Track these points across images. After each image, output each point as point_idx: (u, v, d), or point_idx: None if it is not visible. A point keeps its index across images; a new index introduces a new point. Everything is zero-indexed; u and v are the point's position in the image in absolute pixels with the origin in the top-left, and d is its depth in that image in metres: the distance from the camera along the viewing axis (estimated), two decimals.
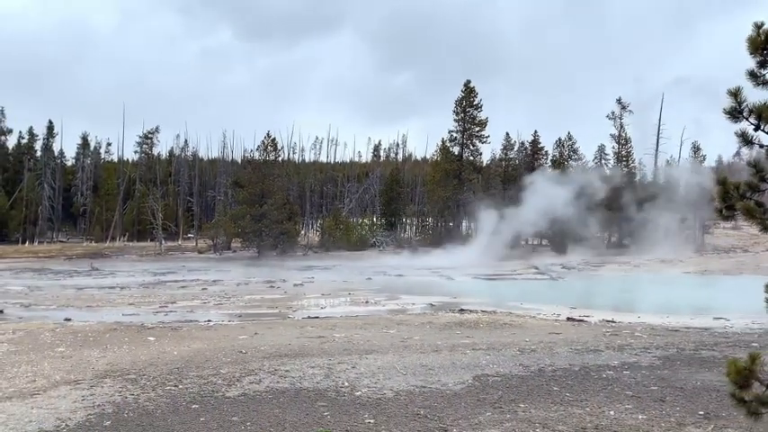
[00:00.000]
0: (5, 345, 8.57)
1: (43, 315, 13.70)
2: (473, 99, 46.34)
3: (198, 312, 14.05)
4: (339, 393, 5.74)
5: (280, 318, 12.87)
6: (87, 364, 7.12)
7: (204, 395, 5.66)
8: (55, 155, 66.42)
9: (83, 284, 22.73)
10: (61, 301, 16.76)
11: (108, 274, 28.44)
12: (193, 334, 9.53)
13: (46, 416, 5.01)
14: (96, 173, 66.23)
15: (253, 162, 47.60)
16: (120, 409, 5.22)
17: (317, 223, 58.75)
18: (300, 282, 22.85)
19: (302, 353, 7.75)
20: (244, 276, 25.78)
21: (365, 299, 17.04)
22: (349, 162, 75.17)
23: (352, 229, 50.40)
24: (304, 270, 30.09)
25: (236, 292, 19.11)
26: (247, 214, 42.20)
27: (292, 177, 57.90)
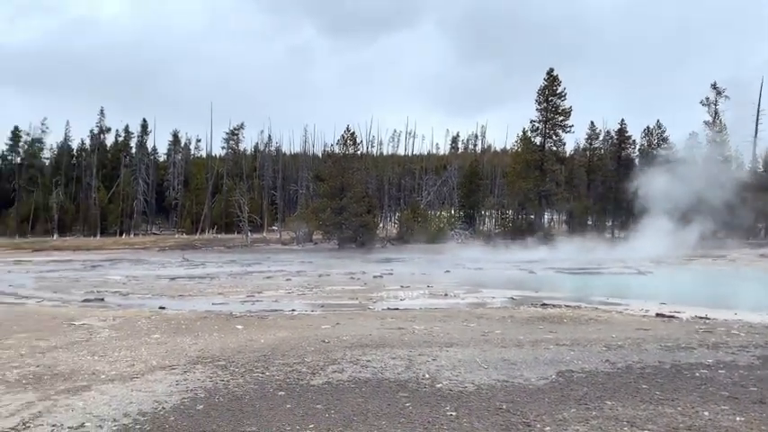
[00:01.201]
0: (107, 331, 9.17)
1: (140, 303, 14.55)
2: (556, 88, 45.05)
3: (282, 302, 14.48)
4: (420, 385, 5.77)
5: (360, 309, 13.07)
6: (181, 351, 7.49)
7: (290, 382, 5.84)
8: (149, 152, 70.26)
9: (175, 275, 23.91)
10: (156, 291, 17.73)
11: (198, 265, 29.77)
12: (278, 323, 9.84)
13: (144, 398, 5.32)
14: (186, 168, 69.53)
15: (333, 156, 48.42)
16: (211, 393, 5.47)
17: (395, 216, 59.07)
18: (380, 274, 23.08)
19: (383, 344, 7.84)
20: (325, 268, 26.32)
21: (444, 291, 17.01)
22: (427, 154, 75.12)
23: (430, 222, 50.34)
24: (383, 262, 30.34)
25: (318, 283, 19.54)
26: (328, 207, 43.00)
27: (371, 170, 58.47)
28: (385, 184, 60.70)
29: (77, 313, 11.54)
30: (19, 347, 7.76)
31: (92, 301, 14.72)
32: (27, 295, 16.70)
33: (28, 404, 5.13)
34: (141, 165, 66.75)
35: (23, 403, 5.16)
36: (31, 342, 8.16)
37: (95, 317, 10.73)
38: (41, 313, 11.74)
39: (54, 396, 5.38)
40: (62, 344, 8.02)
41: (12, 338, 8.47)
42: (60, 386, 5.75)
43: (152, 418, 4.75)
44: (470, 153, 77.48)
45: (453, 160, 70.01)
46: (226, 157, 70.72)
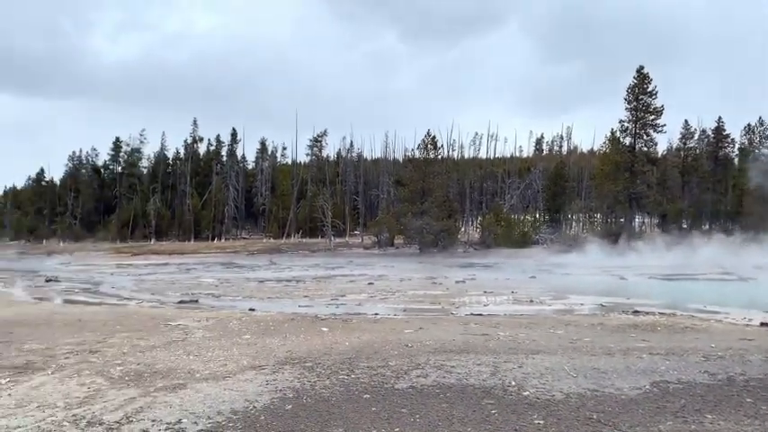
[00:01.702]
0: (201, 331, 9.58)
1: (231, 305, 15.13)
2: (646, 86, 43.16)
3: (365, 306, 14.65)
4: (506, 392, 5.67)
5: (443, 314, 13.00)
6: (269, 351, 7.72)
7: (375, 386, 5.88)
8: (238, 160, 73.19)
9: (263, 277, 24.71)
10: (246, 293, 18.38)
11: (285, 268, 30.64)
12: (362, 326, 9.94)
13: (236, 397, 5.52)
14: (273, 175, 71.86)
15: (414, 160, 48.59)
16: (299, 394, 5.60)
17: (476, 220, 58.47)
18: (462, 279, 22.89)
19: (467, 349, 7.76)
20: (406, 272, 26.41)
21: (529, 298, 16.65)
22: (509, 157, 73.92)
23: (513, 226, 49.50)
24: (465, 267, 30.09)
25: (400, 288, 19.62)
26: (409, 212, 43.19)
27: (452, 174, 58.18)
28: (466, 187, 60.21)
29: (174, 314, 12.14)
30: (121, 346, 8.25)
31: (187, 303, 15.45)
32: (128, 297, 17.76)
33: (130, 399, 5.44)
34: (231, 172, 69.62)
35: (126, 399, 5.47)
36: (132, 341, 8.65)
37: (190, 318, 11.24)
38: (141, 314, 12.43)
39: (153, 393, 5.68)
40: (160, 343, 8.46)
41: (115, 337, 9.02)
42: (159, 383, 6.06)
43: (243, 417, 4.92)
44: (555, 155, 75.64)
45: (537, 162, 68.53)
46: (310, 163, 72.55)
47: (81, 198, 71.39)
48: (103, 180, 75.12)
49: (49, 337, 9.18)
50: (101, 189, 73.83)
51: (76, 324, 10.64)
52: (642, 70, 43.44)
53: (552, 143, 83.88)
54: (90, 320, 11.08)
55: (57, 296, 18.00)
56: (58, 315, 12.29)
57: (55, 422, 4.77)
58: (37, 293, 18.71)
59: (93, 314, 12.24)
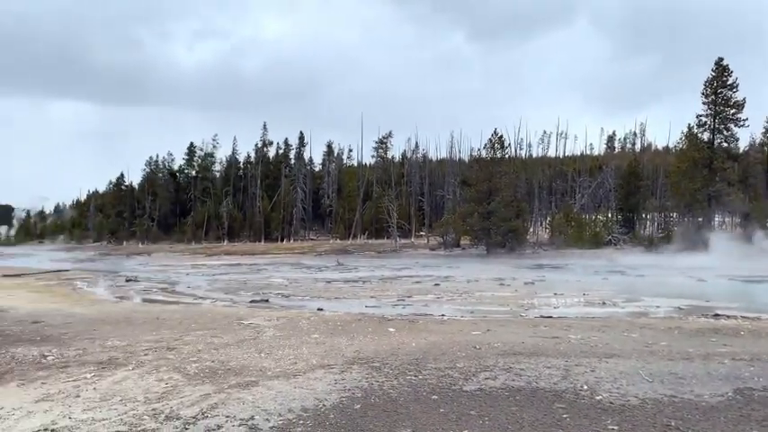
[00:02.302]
0: (272, 330, 9.81)
1: (299, 305, 15.42)
2: (726, 78, 41.04)
3: (432, 307, 14.60)
4: (578, 396, 5.52)
5: (511, 316, 12.80)
6: (338, 351, 7.82)
7: (442, 387, 5.85)
8: (305, 162, 74.59)
9: (330, 278, 25.05)
10: (314, 293, 18.69)
11: (351, 269, 30.96)
12: (429, 327, 9.92)
13: (306, 395, 5.62)
14: (339, 177, 72.82)
15: (480, 160, 48.06)
16: (367, 393, 5.64)
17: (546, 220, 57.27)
18: (531, 280, 22.46)
19: (537, 352, 7.61)
20: (473, 273, 26.15)
21: (601, 300, 16.15)
22: (580, 155, 71.95)
23: (584, 226, 48.20)
24: (534, 268, 29.51)
25: (467, 289, 19.45)
26: (475, 212, 42.74)
27: (520, 174, 57.20)
28: (535, 187, 59.06)
29: (246, 313, 12.49)
30: (197, 343, 8.56)
31: (258, 302, 15.86)
32: (202, 296, 18.40)
33: (205, 395, 5.63)
34: (299, 175, 71.03)
35: (201, 395, 5.66)
36: (206, 339, 8.96)
37: (261, 317, 11.53)
38: (215, 312, 12.85)
39: (227, 389, 5.85)
40: (233, 341, 8.71)
41: (191, 335, 9.37)
42: (232, 380, 6.24)
43: (313, 415, 4.99)
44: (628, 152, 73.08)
45: (609, 161, 66.42)
46: (375, 164, 73.06)
47: (158, 201, 74.61)
48: (179, 184, 78.26)
49: (129, 334, 9.63)
50: (176, 192, 76.94)
51: (155, 322, 11.12)
52: (721, 62, 41.33)
53: (625, 140, 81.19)
54: (167, 319, 11.55)
55: (136, 295, 18.86)
56: (137, 313, 12.88)
57: (136, 416, 5.00)
58: (118, 293, 19.67)
59: (170, 313, 12.75)
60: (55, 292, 18.60)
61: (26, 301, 15.41)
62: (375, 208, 62.04)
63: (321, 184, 73.70)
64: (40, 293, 18.17)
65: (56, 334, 9.68)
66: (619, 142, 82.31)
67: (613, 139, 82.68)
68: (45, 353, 7.97)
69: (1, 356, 7.75)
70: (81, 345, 8.62)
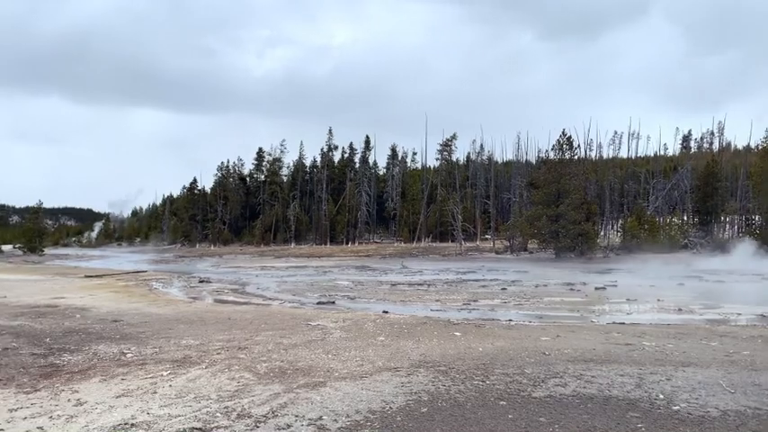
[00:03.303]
0: (338, 332, 9.92)
1: (365, 307, 15.53)
2: None
3: (499, 311, 14.40)
4: (653, 405, 5.30)
5: (581, 321, 12.46)
6: (403, 354, 7.82)
7: (510, 393, 5.76)
8: (370, 166, 75.20)
9: (395, 281, 25.11)
10: (379, 295, 18.79)
11: (416, 272, 30.93)
12: (496, 332, 9.78)
13: (373, 397, 5.65)
14: (403, 180, 72.98)
15: (548, 162, 47.08)
16: (434, 397, 5.61)
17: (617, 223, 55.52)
18: (602, 285, 21.79)
19: (608, 359, 7.37)
20: (541, 278, 25.62)
21: (677, 306, 15.48)
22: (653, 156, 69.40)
23: (658, 229, 46.36)
24: (605, 273, 28.62)
25: (535, 294, 19.07)
26: (543, 215, 41.86)
27: (589, 176, 55.65)
28: (605, 189, 57.31)
29: (313, 314, 12.69)
30: (266, 344, 8.75)
31: (324, 304, 16.09)
32: (271, 297, 18.82)
33: (275, 395, 5.75)
34: (364, 178, 71.65)
35: (271, 394, 5.79)
36: (276, 339, 9.15)
37: (328, 318, 11.69)
38: (283, 313, 13.12)
39: (296, 389, 5.96)
40: (301, 342, 8.87)
41: (261, 335, 9.59)
42: (301, 380, 6.34)
43: (380, 417, 5.01)
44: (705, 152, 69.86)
45: (685, 161, 63.67)
46: (440, 167, 72.80)
47: (229, 205, 77.02)
48: (248, 188, 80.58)
49: (202, 333, 9.96)
50: (246, 196, 79.22)
51: (226, 322, 11.46)
52: None
53: (701, 140, 77.70)
54: (238, 319, 11.88)
55: (209, 296, 19.49)
56: (210, 313, 13.31)
57: (209, 413, 5.16)
58: (191, 293, 20.39)
59: (241, 313, 13.11)
60: (133, 293, 19.47)
61: (107, 301, 16.22)
62: (439, 211, 61.84)
63: (385, 188, 74.07)
64: (119, 293, 19.07)
65: (134, 332, 10.13)
66: (695, 142, 78.92)
67: (689, 138, 79.34)
68: (124, 350, 8.35)
69: (84, 353, 8.18)
70: (157, 343, 8.98)
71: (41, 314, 12.85)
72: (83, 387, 6.16)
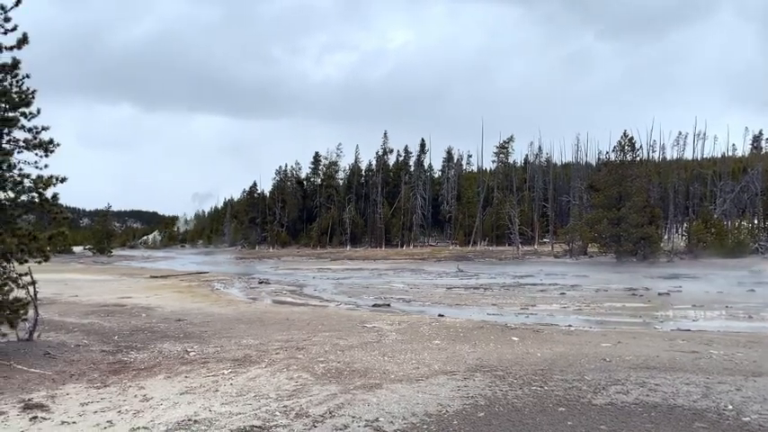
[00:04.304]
0: (394, 334, 9.95)
1: (420, 310, 15.52)
2: None
3: (557, 316, 14.12)
4: (721, 416, 5.10)
5: (644, 328, 12.07)
6: (460, 358, 7.78)
7: (570, 399, 5.64)
8: (425, 169, 75.09)
9: (451, 284, 24.98)
10: (434, 299, 18.73)
11: (472, 276, 30.67)
12: (554, 337, 9.60)
13: (429, 400, 5.64)
14: (459, 183, 72.50)
15: (608, 164, 45.83)
16: (491, 402, 5.56)
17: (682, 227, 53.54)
18: (665, 290, 21.06)
19: (673, 367, 7.12)
20: (602, 282, 24.97)
21: (747, 313, 14.80)
22: (720, 157, 66.48)
23: (726, 233, 44.39)
24: (669, 278, 27.63)
25: (596, 299, 18.61)
26: (604, 218, 40.79)
27: (652, 178, 53.85)
28: (669, 192, 55.33)
29: (368, 317, 12.78)
30: (323, 344, 8.87)
31: (380, 307, 16.16)
32: (328, 299, 19.05)
33: (332, 395, 5.82)
34: (419, 181, 71.60)
35: (328, 394, 5.86)
36: (332, 340, 9.27)
37: (384, 321, 11.74)
38: (340, 315, 13.27)
39: (352, 390, 6.01)
40: (357, 344, 8.94)
41: (318, 336, 9.73)
42: (357, 382, 6.40)
43: (437, 420, 5.00)
44: None
45: (755, 162, 60.72)
46: (496, 170, 71.98)
47: (287, 208, 78.39)
48: (306, 191, 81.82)
49: (262, 333, 10.18)
50: (303, 199, 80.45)
51: (285, 323, 11.68)
52: None
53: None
54: (296, 320, 12.09)
55: (267, 297, 19.89)
56: (269, 314, 13.59)
57: (269, 411, 5.27)
58: (251, 294, 20.86)
59: (298, 314, 13.33)
60: (195, 293, 20.08)
61: (171, 301, 16.78)
62: (496, 214, 61.12)
63: (440, 191, 73.77)
64: (182, 293, 19.70)
65: (197, 331, 10.45)
66: (766, 142, 75.22)
67: (760, 138, 75.64)
68: (188, 349, 8.63)
69: (150, 351, 8.50)
70: (219, 342, 9.24)
71: (110, 313, 13.43)
72: (149, 383, 6.41)
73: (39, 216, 8.89)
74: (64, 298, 16.61)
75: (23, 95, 8.02)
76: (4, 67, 7.76)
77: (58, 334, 9.90)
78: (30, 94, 8.08)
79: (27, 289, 8.54)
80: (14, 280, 8.06)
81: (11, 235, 7.75)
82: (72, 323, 11.43)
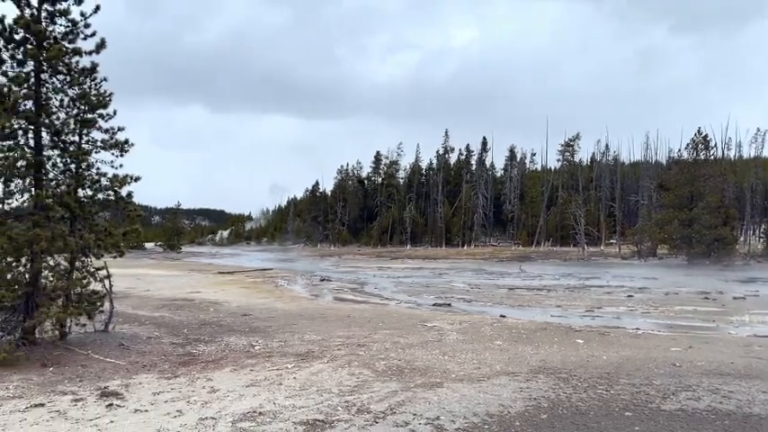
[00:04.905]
0: (455, 334, 9.91)
1: (481, 310, 15.37)
2: None
3: (624, 319, 13.70)
4: None
5: (717, 332, 11.56)
6: (522, 359, 7.67)
7: (637, 404, 5.47)
8: (487, 168, 74.28)
9: (513, 285, 24.62)
10: (496, 299, 18.51)
11: (535, 277, 30.14)
12: (621, 341, 9.33)
13: (491, 400, 5.59)
14: (522, 182, 71.30)
15: (680, 162, 44.09)
16: (554, 404, 5.46)
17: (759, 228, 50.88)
18: (741, 295, 20.07)
19: (749, 374, 6.80)
20: (672, 285, 24.05)
21: None
22: None
23: None
24: (745, 282, 26.32)
25: (665, 302, 17.93)
26: (675, 219, 39.29)
27: (727, 177, 51.39)
28: (746, 191, 52.71)
29: (429, 316, 12.77)
30: (384, 342, 8.93)
31: (440, 306, 16.11)
32: (388, 297, 19.13)
33: (393, 392, 5.85)
34: (480, 180, 70.86)
35: (389, 391, 5.90)
36: (393, 338, 9.31)
37: (444, 320, 11.71)
38: (400, 314, 13.32)
39: (413, 388, 6.03)
40: (417, 342, 8.96)
41: (378, 334, 9.80)
42: (418, 380, 6.41)
43: (498, 421, 4.95)
44: None
45: None
46: (561, 169, 70.38)
47: (348, 207, 79.22)
48: (366, 190, 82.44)
49: (324, 329, 10.35)
50: (364, 198, 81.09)
51: (346, 319, 11.82)
52: None
53: None
54: (357, 317, 12.22)
55: (329, 294, 20.16)
56: (330, 311, 13.79)
57: (331, 406, 5.35)
58: (313, 291, 21.20)
59: (359, 312, 13.46)
60: (260, 289, 20.58)
61: (237, 296, 17.27)
62: (560, 214, 59.76)
63: (503, 190, 72.77)
64: (248, 289, 20.23)
65: (261, 326, 10.72)
66: None
67: None
68: (253, 343, 8.86)
69: (217, 344, 8.77)
70: (283, 337, 9.45)
71: (179, 307, 13.95)
72: (216, 375, 6.62)
73: (113, 213, 9.31)
74: (137, 292, 17.36)
75: (101, 98, 8.43)
76: (84, 70, 8.17)
77: (131, 326, 10.36)
78: (107, 97, 8.49)
79: (103, 282, 8.99)
80: (92, 274, 8.50)
81: (89, 231, 8.18)
82: (144, 316, 11.94)
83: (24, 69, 7.73)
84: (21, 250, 7.38)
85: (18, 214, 7.74)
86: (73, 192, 8.11)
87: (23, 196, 7.82)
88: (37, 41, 7.68)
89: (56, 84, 8.07)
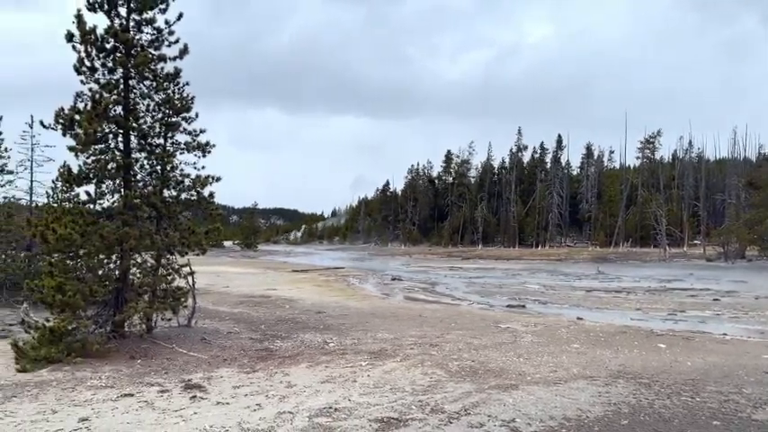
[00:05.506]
0: (530, 336, 9.73)
1: (556, 312, 15.01)
2: None
3: (710, 324, 13.04)
4: None
5: None
6: (600, 363, 7.44)
7: (726, 413, 5.20)
8: (562, 166, 72.45)
9: (590, 287, 23.92)
10: (572, 301, 18.04)
11: (613, 279, 29.18)
12: (707, 346, 8.89)
13: (568, 404, 5.46)
14: (600, 180, 69.13)
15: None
16: (635, 410, 5.27)
17: None
18: None
19: None
20: (763, 289, 22.68)
21: None
22: None
23: None
24: None
25: (755, 306, 16.93)
26: (766, 219, 37.02)
27: None
28: None
29: (502, 317, 12.60)
30: (457, 342, 8.89)
31: (514, 307, 15.85)
32: (460, 297, 19.00)
33: (466, 393, 5.82)
34: (555, 179, 69.19)
35: (463, 392, 5.87)
36: (465, 339, 9.25)
37: (518, 322, 11.52)
38: (472, 314, 13.20)
39: (487, 390, 5.97)
40: (491, 343, 8.86)
41: (451, 334, 9.76)
42: (492, 381, 6.34)
43: (576, 425, 4.83)
44: None
45: None
46: (641, 166, 67.76)
47: (418, 206, 79.28)
48: (437, 190, 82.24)
49: (396, 328, 10.40)
50: (435, 198, 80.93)
51: (418, 319, 11.84)
52: None
53: None
54: (429, 317, 12.21)
55: (400, 293, 20.24)
56: (402, 310, 13.85)
57: (404, 404, 5.38)
58: (384, 290, 21.34)
59: (431, 311, 13.45)
60: (333, 287, 20.93)
61: (311, 294, 17.64)
62: (640, 213, 57.50)
63: (579, 189, 70.78)
64: (321, 287, 20.61)
65: (335, 324, 10.90)
66: None
67: None
68: (327, 340, 9.03)
69: (293, 340, 8.99)
70: (356, 335, 9.57)
71: (257, 303, 14.38)
72: (292, 371, 6.79)
73: (194, 213, 9.70)
74: (216, 288, 18.02)
75: (184, 101, 8.81)
76: (168, 76, 8.56)
77: (212, 321, 10.77)
78: (189, 101, 8.86)
79: (186, 279, 9.39)
80: (176, 270, 8.90)
81: (174, 230, 8.57)
82: (224, 312, 12.39)
83: (114, 76, 8.16)
84: (111, 248, 7.82)
85: (109, 214, 8.20)
86: (159, 192, 8.52)
87: (114, 197, 8.28)
88: (125, 49, 8.10)
89: (143, 89, 8.49)
